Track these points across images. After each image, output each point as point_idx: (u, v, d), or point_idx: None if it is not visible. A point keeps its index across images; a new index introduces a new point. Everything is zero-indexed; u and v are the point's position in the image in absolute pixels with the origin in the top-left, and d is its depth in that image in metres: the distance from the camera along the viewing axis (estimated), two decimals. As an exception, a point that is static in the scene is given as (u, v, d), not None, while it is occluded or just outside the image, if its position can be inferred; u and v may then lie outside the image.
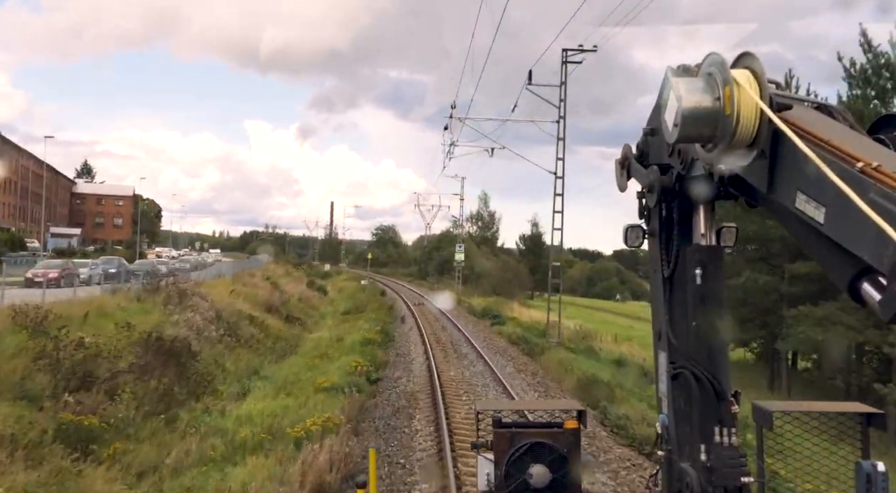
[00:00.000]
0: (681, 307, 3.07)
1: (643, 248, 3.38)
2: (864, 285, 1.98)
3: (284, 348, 23.07)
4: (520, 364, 22.73)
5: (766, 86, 2.28)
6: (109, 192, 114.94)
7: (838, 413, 3.37)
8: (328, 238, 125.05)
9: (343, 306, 41.05)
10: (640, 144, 3.31)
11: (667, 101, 2.52)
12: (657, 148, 3.11)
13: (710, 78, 2.37)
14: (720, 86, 2.31)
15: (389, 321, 33.22)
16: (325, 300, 47.93)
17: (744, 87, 2.27)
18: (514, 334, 31.07)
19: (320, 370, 17.21)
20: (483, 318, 39.67)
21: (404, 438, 12.53)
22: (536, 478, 3.73)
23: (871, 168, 1.89)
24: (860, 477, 3.02)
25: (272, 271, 55.15)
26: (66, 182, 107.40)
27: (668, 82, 2.56)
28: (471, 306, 46.28)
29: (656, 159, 3.14)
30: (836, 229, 1.99)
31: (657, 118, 2.89)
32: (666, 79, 2.77)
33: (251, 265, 59.35)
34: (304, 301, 41.75)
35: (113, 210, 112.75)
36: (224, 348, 19.71)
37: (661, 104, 2.69)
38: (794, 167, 2.17)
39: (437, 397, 15.34)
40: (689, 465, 2.99)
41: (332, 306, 43.50)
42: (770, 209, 2.51)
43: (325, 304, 45.68)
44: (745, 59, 2.38)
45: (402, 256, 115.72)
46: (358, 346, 21.64)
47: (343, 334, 25.09)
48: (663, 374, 3.21)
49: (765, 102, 2.24)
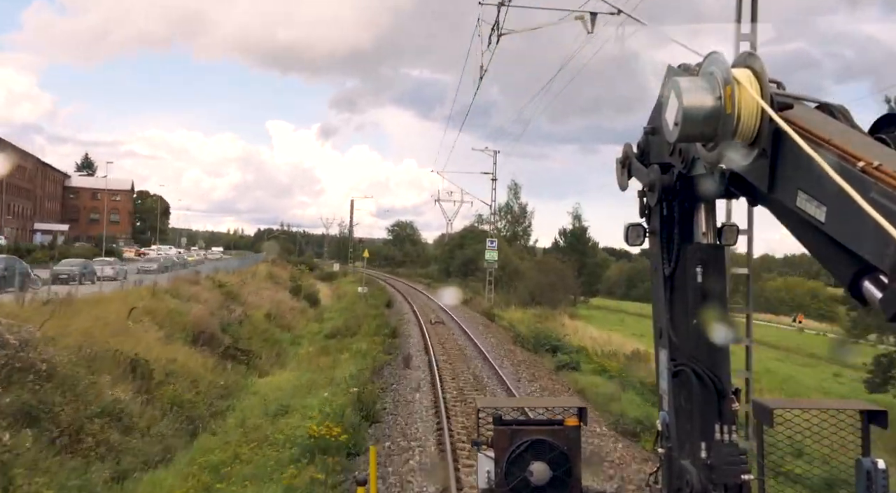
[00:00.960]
0: (682, 305, 3.08)
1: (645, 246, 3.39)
2: (865, 283, 1.99)
3: (180, 430, 12.69)
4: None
5: (766, 85, 2.29)
6: (106, 186, 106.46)
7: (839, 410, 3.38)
8: (341, 236, 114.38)
9: (331, 325, 31.10)
10: (640, 143, 3.32)
11: (668, 100, 2.52)
12: (658, 147, 3.12)
13: (710, 77, 2.37)
14: (721, 85, 2.31)
15: (388, 355, 21.91)
16: (312, 314, 37.39)
17: (745, 86, 2.27)
18: (608, 397, 16.71)
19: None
20: (536, 351, 25.17)
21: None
22: (537, 475, 3.73)
23: (872, 167, 1.89)
24: (860, 474, 3.04)
25: (257, 272, 46.65)
26: (57, 175, 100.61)
27: (669, 81, 2.57)
28: (511, 325, 33.20)
29: (657, 158, 3.14)
30: (838, 228, 2.00)
31: (658, 117, 2.90)
32: (667, 78, 2.78)
33: (236, 265, 52.87)
34: (276, 318, 30.20)
35: (109, 205, 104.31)
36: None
37: (661, 103, 2.70)
38: (795, 166, 2.17)
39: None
40: (690, 462, 3.01)
41: (319, 324, 33.34)
42: (771, 208, 2.51)
43: (311, 319, 35.13)
44: (746, 59, 2.38)
45: (420, 255, 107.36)
46: (314, 431, 11.10)
47: (308, 384, 16.44)
48: (664, 371, 3.22)
49: (766, 101, 2.24)
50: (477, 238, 64.05)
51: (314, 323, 33.96)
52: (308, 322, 34.07)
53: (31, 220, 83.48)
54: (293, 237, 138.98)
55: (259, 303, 31.93)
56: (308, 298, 42.11)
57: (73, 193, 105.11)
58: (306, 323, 33.59)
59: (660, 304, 3.23)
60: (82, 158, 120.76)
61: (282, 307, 33.67)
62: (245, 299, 30.57)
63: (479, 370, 20.13)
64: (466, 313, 38.85)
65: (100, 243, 73.23)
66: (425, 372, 19.27)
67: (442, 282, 62.83)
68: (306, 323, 33.59)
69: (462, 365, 20.83)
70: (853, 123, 2.33)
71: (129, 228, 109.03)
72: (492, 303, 44.17)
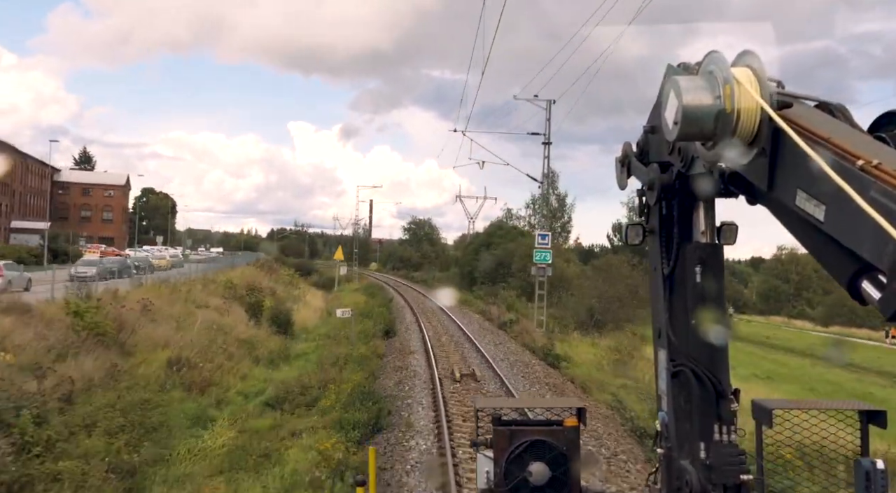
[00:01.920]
0: (681, 305, 3.08)
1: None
2: (864, 282, 1.99)
3: None
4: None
5: (766, 84, 2.29)
6: (98, 181, 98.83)
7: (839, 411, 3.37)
8: (354, 236, 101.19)
9: (286, 375, 18.43)
10: (640, 142, 3.32)
11: (667, 98, 2.52)
12: (657, 146, 3.12)
13: (710, 76, 2.38)
14: (720, 84, 2.32)
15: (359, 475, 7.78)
16: (272, 349, 22.24)
17: (744, 85, 2.28)
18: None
19: None
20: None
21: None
22: (536, 476, 3.73)
23: (872, 166, 1.89)
24: (859, 475, 3.03)
25: (225, 279, 34.59)
26: (44, 169, 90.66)
27: (668, 80, 2.57)
28: (593, 381, 19.61)
29: (656, 157, 3.14)
30: (837, 227, 2.00)
31: (657, 116, 2.90)
32: (666, 76, 2.77)
33: (214, 267, 44.88)
34: (187, 366, 16.57)
35: (102, 202, 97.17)
36: None
37: (661, 102, 2.70)
38: (795, 165, 2.17)
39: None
40: (689, 463, 3.00)
41: (273, 370, 19.45)
42: (770, 207, 2.51)
43: (265, 360, 20.57)
44: (746, 58, 2.38)
45: (439, 256, 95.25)
46: None
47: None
48: (663, 372, 3.22)
49: (765, 99, 2.24)
50: (507, 235, 54.39)
51: (265, 369, 19.49)
52: (254, 367, 19.41)
53: (8, 218, 76.49)
54: (306, 237, 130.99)
55: (168, 338, 18.91)
56: (276, 320, 26.99)
57: (63, 189, 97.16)
58: (250, 369, 19.03)
59: (659, 304, 3.23)
60: (80, 153, 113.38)
61: (213, 344, 19.44)
62: (136, 333, 18.14)
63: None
64: (510, 349, 25.46)
65: (91, 241, 68.98)
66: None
67: (465, 292, 49.72)
68: (250, 369, 19.03)
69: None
70: (853, 121, 2.33)
71: (123, 227, 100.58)
72: (548, 332, 30.44)
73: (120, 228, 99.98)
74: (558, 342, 26.51)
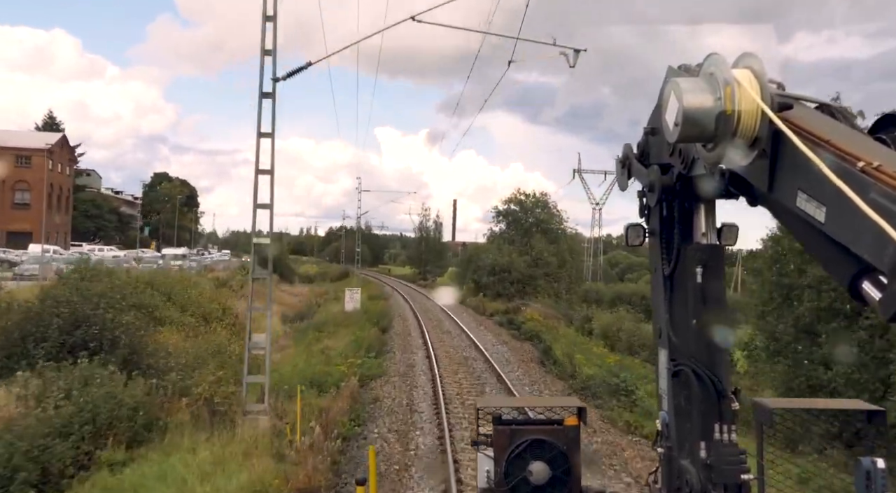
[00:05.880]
0: (681, 305, 3.08)
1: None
2: (864, 283, 2.00)
3: None
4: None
5: (766, 86, 2.29)
6: (7, 142, 61.25)
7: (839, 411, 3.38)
8: (423, 237, 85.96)
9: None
10: (640, 144, 3.33)
11: (668, 100, 2.53)
12: (658, 147, 3.12)
13: (711, 78, 2.38)
14: (721, 86, 2.32)
15: None
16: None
17: (744, 86, 2.28)
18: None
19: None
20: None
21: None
22: (536, 475, 3.74)
23: (872, 168, 1.90)
24: (859, 474, 3.04)
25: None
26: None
27: (669, 82, 2.57)
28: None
29: (657, 159, 3.15)
30: (837, 229, 2.00)
31: (658, 118, 2.90)
32: (667, 78, 2.78)
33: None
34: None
35: (12, 176, 62.49)
36: None
37: (661, 104, 2.70)
38: (795, 167, 2.18)
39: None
40: (689, 462, 3.01)
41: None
42: (771, 209, 2.52)
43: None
44: (746, 59, 2.39)
45: (565, 262, 55.08)
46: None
47: None
48: (664, 371, 3.23)
49: (765, 101, 2.25)
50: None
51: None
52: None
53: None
54: (367, 238, 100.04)
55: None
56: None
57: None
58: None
59: (659, 304, 3.23)
60: (45, 115, 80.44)
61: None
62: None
63: None
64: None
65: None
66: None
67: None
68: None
69: None
70: (853, 123, 2.33)
71: (54, 215, 64.97)
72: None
73: (39, 216, 56.22)
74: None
